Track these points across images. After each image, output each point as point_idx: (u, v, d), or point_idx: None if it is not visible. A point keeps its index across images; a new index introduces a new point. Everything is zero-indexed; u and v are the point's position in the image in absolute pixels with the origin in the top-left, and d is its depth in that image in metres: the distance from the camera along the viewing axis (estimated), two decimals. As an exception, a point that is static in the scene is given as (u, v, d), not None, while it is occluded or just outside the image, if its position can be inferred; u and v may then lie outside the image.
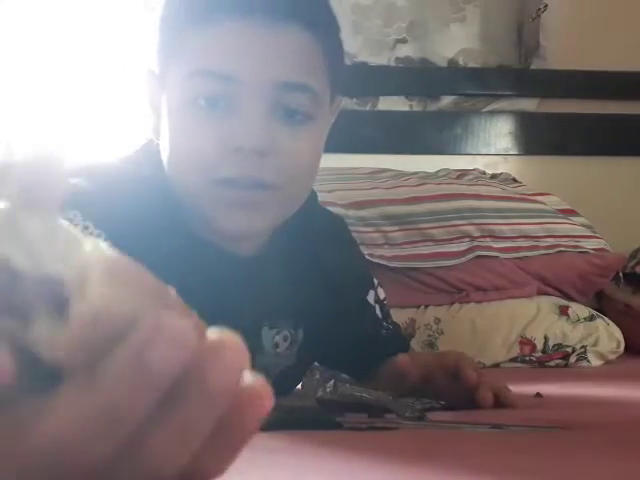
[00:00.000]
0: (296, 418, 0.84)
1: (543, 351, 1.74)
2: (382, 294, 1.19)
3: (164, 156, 0.91)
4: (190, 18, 0.86)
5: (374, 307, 1.15)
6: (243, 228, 0.90)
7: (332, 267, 1.05)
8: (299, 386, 1.10)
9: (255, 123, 0.85)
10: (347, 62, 1.07)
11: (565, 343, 1.74)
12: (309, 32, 0.87)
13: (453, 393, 1.01)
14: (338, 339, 1.08)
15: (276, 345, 0.99)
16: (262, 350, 0.97)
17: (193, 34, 0.86)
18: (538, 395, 1.21)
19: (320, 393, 0.94)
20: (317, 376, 0.96)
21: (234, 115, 0.86)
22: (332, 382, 0.94)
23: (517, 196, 1.94)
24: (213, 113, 0.86)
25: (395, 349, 1.14)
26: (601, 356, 1.76)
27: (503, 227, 1.85)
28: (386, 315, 1.18)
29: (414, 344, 1.72)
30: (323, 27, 0.90)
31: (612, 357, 1.77)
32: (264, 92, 0.86)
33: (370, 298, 1.15)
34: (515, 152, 2.30)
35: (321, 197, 1.43)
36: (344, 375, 0.98)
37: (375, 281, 1.19)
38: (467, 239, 1.82)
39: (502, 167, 2.24)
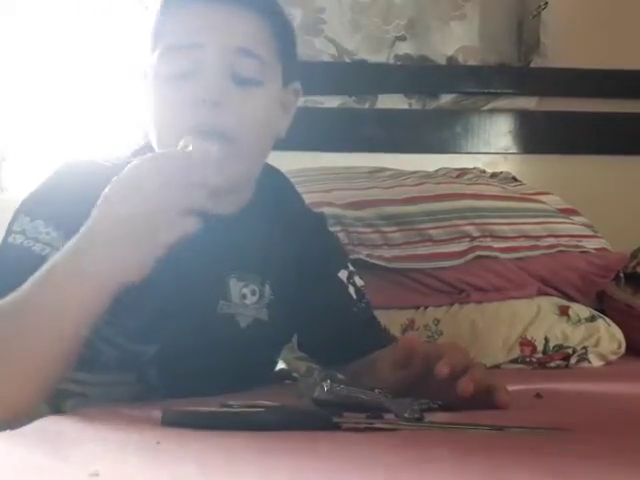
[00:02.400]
0: (294, 419, 0.84)
1: (544, 352, 1.73)
2: (360, 282, 1.29)
3: (150, 132, 1.11)
4: (165, 9, 1.08)
5: (347, 286, 1.27)
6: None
7: (303, 239, 1.22)
8: (299, 385, 1.09)
9: (214, 80, 1.05)
10: (346, 60, 1.19)
11: (566, 344, 1.74)
12: (259, 16, 1.09)
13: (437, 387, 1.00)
14: (307, 305, 1.22)
15: (243, 296, 1.16)
16: (229, 298, 1.15)
17: (167, 20, 1.07)
18: (538, 396, 1.20)
19: (317, 393, 0.94)
20: (314, 376, 0.96)
21: (197, 79, 1.05)
22: (328, 382, 0.94)
23: (517, 195, 1.93)
24: (181, 82, 1.06)
25: (370, 333, 1.24)
26: (602, 357, 1.75)
27: (503, 227, 1.84)
28: (361, 298, 1.28)
29: (413, 345, 1.71)
30: (271, 15, 1.11)
31: (613, 358, 1.76)
32: (222, 55, 1.06)
33: (342, 276, 1.27)
34: (515, 151, 2.29)
35: (319, 197, 1.43)
36: (340, 376, 0.98)
37: (351, 267, 1.30)
38: (467, 239, 1.81)
39: (502, 166, 2.23)
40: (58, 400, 1.08)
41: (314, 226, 1.30)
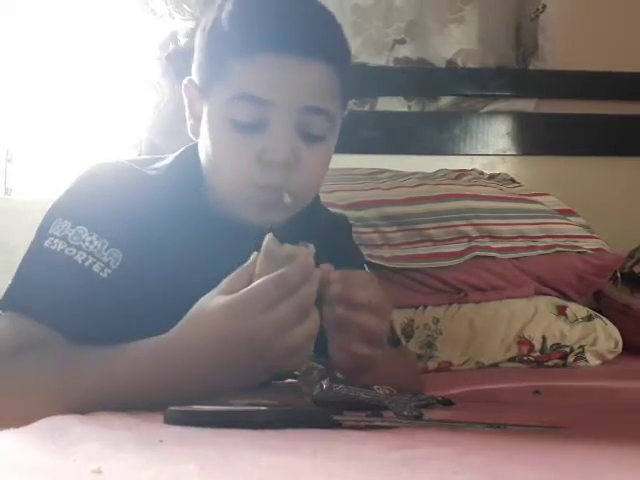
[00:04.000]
0: (295, 417, 0.85)
1: (541, 351, 1.74)
2: None
3: (202, 154, 1.10)
4: (236, 51, 1.03)
5: None
6: (263, 222, 1.04)
7: (333, 241, 1.21)
8: (299, 384, 1.10)
9: (284, 141, 1.04)
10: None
11: (563, 343, 1.75)
12: (330, 65, 1.05)
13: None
14: None
15: None
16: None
17: (237, 64, 1.03)
18: (537, 392, 1.21)
19: (316, 392, 0.94)
20: (314, 375, 0.97)
21: (266, 133, 1.04)
22: (327, 380, 0.94)
23: (515, 196, 1.94)
24: (248, 130, 1.04)
25: None
26: (599, 356, 1.76)
27: (501, 227, 1.85)
28: None
29: (413, 344, 1.72)
30: (340, 59, 1.08)
31: (610, 357, 1.77)
32: (292, 114, 1.04)
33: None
34: (513, 152, 2.30)
35: (321, 198, 1.44)
36: (339, 375, 0.99)
37: (367, 267, 1.33)
38: (465, 239, 1.82)
39: (500, 167, 2.24)
40: None
41: (341, 227, 1.34)
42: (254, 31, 1.03)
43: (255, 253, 0.94)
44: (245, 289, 0.89)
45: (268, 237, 0.94)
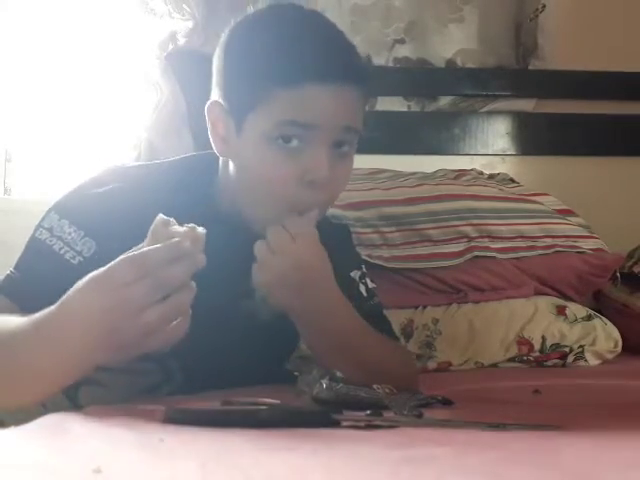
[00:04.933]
0: (295, 417, 0.85)
1: (541, 351, 1.74)
2: (371, 284, 1.36)
3: (234, 173, 1.17)
4: (282, 81, 1.11)
5: (358, 284, 1.35)
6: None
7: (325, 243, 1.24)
8: (299, 383, 1.10)
9: (325, 162, 1.12)
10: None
11: (563, 343, 1.75)
12: (359, 89, 1.16)
13: None
14: None
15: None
16: (252, 296, 1.19)
17: (283, 93, 1.11)
18: (537, 392, 1.21)
19: (316, 391, 0.95)
20: (314, 373, 0.97)
21: (306, 154, 1.12)
22: (327, 379, 0.95)
23: (515, 196, 1.94)
24: (289, 150, 1.12)
25: (378, 328, 1.27)
26: (599, 355, 1.76)
27: (501, 227, 1.85)
28: (372, 296, 1.35)
29: (412, 344, 1.72)
30: (366, 83, 1.19)
31: (610, 356, 1.77)
32: (332, 134, 1.13)
33: (354, 275, 1.35)
34: (513, 152, 2.30)
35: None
36: (339, 374, 0.99)
37: (364, 269, 1.38)
38: (465, 239, 1.82)
39: (500, 167, 2.24)
40: (72, 387, 1.09)
41: (337, 236, 1.36)
42: (299, 63, 1.12)
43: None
44: (109, 266, 0.90)
45: (158, 217, 0.94)
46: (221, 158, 1.20)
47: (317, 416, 0.86)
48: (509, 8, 2.27)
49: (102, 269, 0.90)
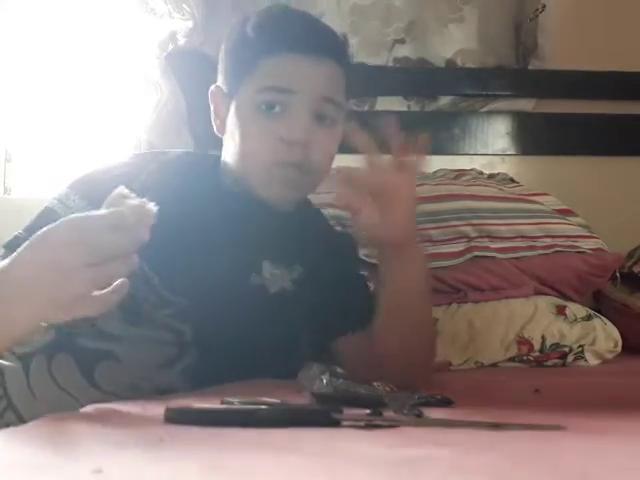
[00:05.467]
0: (294, 416, 0.85)
1: (541, 351, 1.74)
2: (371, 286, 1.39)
3: (229, 147, 1.28)
4: (264, 52, 1.24)
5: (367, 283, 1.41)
6: (280, 199, 1.26)
7: (334, 249, 1.37)
8: (298, 378, 1.10)
9: (303, 123, 1.23)
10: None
11: (562, 343, 1.75)
12: (338, 64, 1.27)
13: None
14: (332, 288, 1.32)
15: (273, 275, 1.29)
16: (260, 273, 1.27)
17: (265, 62, 1.24)
18: (537, 391, 1.21)
19: (316, 387, 0.95)
20: (314, 369, 0.97)
21: (287, 117, 1.23)
22: (327, 374, 0.95)
23: (514, 196, 1.94)
24: (271, 115, 1.23)
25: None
26: (599, 355, 1.76)
27: (500, 227, 1.85)
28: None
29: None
30: (345, 60, 1.30)
31: (609, 356, 1.77)
32: (310, 102, 1.24)
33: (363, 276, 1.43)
34: (513, 152, 2.30)
35: (319, 198, 1.44)
36: (339, 370, 0.99)
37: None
38: (464, 239, 1.82)
39: (500, 167, 2.24)
40: (88, 365, 1.14)
41: (342, 244, 1.43)
42: (279, 36, 1.25)
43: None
44: (52, 224, 0.91)
45: (119, 188, 0.94)
46: (223, 144, 1.30)
47: (317, 415, 0.86)
48: (509, 8, 2.27)
49: (47, 227, 0.91)
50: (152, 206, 0.93)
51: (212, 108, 1.32)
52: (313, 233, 1.37)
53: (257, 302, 1.24)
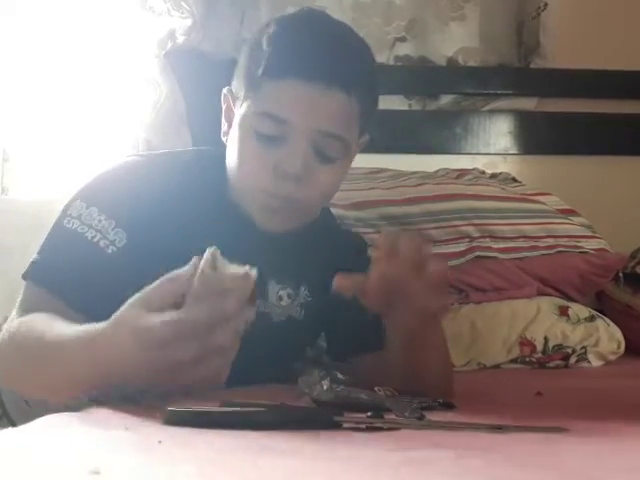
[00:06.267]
0: (295, 418, 0.84)
1: (543, 352, 1.73)
2: None
3: (229, 157, 1.20)
4: (269, 72, 1.14)
5: None
6: (274, 228, 1.19)
7: (341, 257, 1.30)
8: (299, 384, 1.10)
9: (298, 156, 1.13)
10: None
11: (565, 344, 1.74)
12: (350, 96, 1.15)
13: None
14: (336, 306, 1.27)
15: (280, 298, 1.28)
16: (266, 297, 1.26)
17: (268, 84, 1.14)
18: (539, 394, 1.21)
19: (317, 393, 0.94)
20: (314, 375, 0.96)
21: (283, 148, 1.14)
22: (328, 380, 0.94)
23: (517, 196, 1.94)
24: (269, 143, 1.15)
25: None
26: (601, 357, 1.76)
27: (503, 227, 1.85)
28: None
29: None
30: (362, 91, 1.17)
31: (612, 358, 1.77)
32: (307, 135, 1.14)
33: None
34: (515, 151, 2.30)
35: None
36: (340, 375, 0.99)
37: None
38: (466, 239, 1.82)
39: (502, 166, 2.24)
40: None
41: (354, 247, 1.39)
42: (287, 57, 1.14)
43: (195, 258, 0.91)
44: (152, 321, 0.88)
45: (207, 253, 0.90)
46: (227, 148, 1.23)
47: (318, 418, 0.86)
48: (511, 6, 2.27)
49: (141, 323, 0.88)
50: (253, 272, 0.91)
51: (223, 110, 1.24)
52: (319, 252, 1.31)
53: (260, 328, 1.14)
